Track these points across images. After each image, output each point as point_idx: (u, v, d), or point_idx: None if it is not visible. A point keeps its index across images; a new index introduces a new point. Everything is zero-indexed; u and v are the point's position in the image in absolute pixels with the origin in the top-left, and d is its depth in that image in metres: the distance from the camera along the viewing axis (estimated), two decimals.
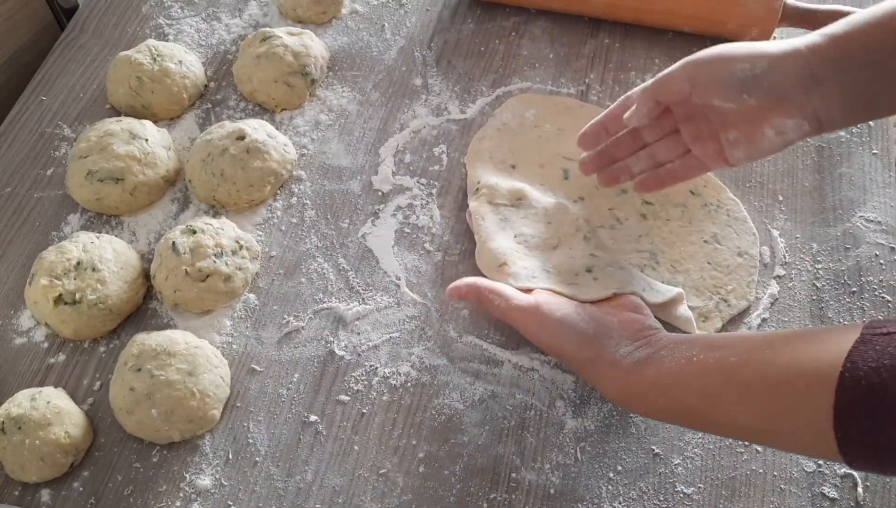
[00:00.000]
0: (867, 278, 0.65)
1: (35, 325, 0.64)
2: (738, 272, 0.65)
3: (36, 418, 0.56)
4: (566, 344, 0.54)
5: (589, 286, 0.59)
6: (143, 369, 0.57)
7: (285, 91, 0.74)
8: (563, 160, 0.71)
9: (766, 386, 0.45)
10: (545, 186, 0.69)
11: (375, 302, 0.65)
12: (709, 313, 0.63)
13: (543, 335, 0.55)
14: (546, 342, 0.56)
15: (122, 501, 0.56)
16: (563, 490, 0.56)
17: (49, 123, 0.75)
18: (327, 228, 0.69)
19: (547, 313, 0.55)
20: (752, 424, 0.46)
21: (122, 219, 0.69)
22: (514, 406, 0.60)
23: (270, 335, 0.63)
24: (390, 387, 0.61)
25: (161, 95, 0.73)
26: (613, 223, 0.67)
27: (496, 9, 0.82)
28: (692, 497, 0.56)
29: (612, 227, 0.67)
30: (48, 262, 0.62)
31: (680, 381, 0.49)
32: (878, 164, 0.72)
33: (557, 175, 0.70)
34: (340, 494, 0.57)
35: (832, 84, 0.52)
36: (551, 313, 0.55)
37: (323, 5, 0.81)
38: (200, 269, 0.62)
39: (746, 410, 0.46)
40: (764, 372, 0.45)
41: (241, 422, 0.59)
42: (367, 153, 0.73)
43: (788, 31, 0.80)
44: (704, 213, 0.68)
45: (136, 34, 0.81)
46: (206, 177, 0.68)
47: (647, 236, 0.66)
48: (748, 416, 0.46)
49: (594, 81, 0.77)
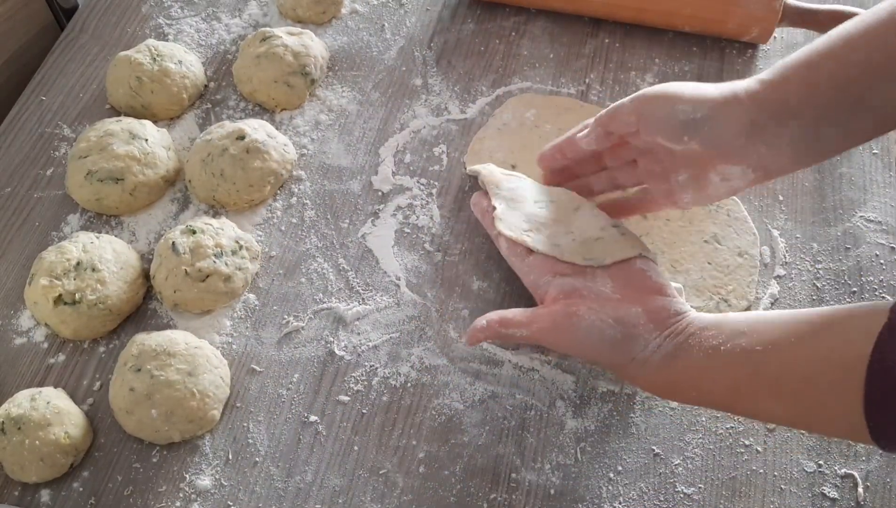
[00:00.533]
0: (867, 278, 0.65)
1: (35, 325, 0.64)
2: (739, 272, 0.65)
3: (36, 418, 0.56)
4: (598, 355, 0.53)
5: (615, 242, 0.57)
6: (142, 369, 0.57)
7: (285, 91, 0.74)
8: None
9: (795, 380, 0.45)
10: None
11: (375, 302, 0.65)
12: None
13: (573, 350, 0.54)
14: (579, 355, 0.56)
15: (122, 501, 0.56)
16: (564, 490, 0.56)
17: (49, 123, 0.75)
18: (327, 228, 0.69)
19: (571, 326, 0.53)
20: (784, 416, 0.47)
21: (121, 219, 0.69)
22: (514, 406, 0.60)
23: (270, 336, 0.63)
24: (390, 387, 0.61)
25: (161, 95, 0.73)
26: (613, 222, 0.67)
27: (496, 9, 0.82)
28: (692, 497, 0.56)
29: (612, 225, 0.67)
30: (48, 262, 0.62)
31: (709, 374, 0.49)
32: (878, 164, 0.72)
33: None
34: (340, 494, 0.56)
35: (774, 132, 0.51)
36: (576, 326, 0.52)
37: (323, 5, 0.81)
38: (200, 269, 0.62)
39: (777, 404, 0.46)
40: (791, 365, 0.45)
41: (241, 422, 0.59)
42: (367, 153, 0.73)
43: (788, 31, 0.80)
44: (704, 213, 0.68)
45: (136, 34, 0.81)
46: (206, 177, 0.68)
47: (647, 236, 0.66)
48: (780, 409, 0.46)
49: (594, 80, 0.77)
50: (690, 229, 0.67)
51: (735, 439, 0.58)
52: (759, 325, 0.48)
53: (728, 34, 0.77)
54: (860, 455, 0.58)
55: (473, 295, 0.65)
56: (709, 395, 0.50)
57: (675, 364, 0.50)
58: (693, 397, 0.52)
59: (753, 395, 0.47)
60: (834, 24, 0.74)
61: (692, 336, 0.50)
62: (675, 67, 0.78)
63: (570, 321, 0.53)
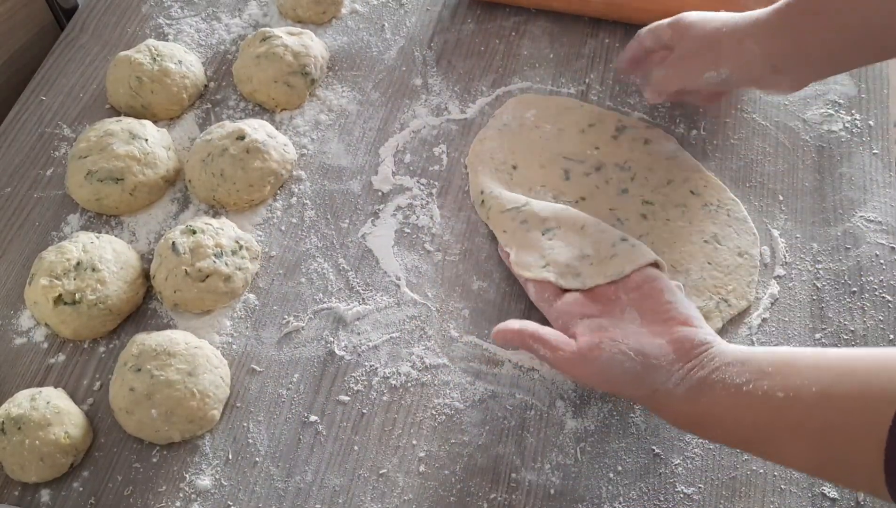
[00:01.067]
0: (867, 278, 0.65)
1: (35, 325, 0.64)
2: (739, 272, 0.65)
3: (36, 418, 0.56)
4: (619, 387, 0.52)
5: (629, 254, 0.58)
6: (143, 369, 0.57)
7: (285, 91, 0.74)
8: (564, 161, 0.71)
9: (815, 431, 0.44)
10: (546, 187, 0.69)
11: (375, 302, 0.65)
12: (709, 313, 0.63)
13: (593, 381, 0.54)
14: (599, 387, 0.56)
15: (122, 501, 0.56)
16: (564, 490, 0.56)
17: (49, 123, 0.75)
18: (327, 228, 0.69)
19: (591, 359, 0.52)
20: (806, 465, 0.46)
21: (121, 219, 0.69)
22: (514, 406, 0.60)
23: (270, 335, 0.63)
24: (390, 387, 0.61)
25: (161, 95, 0.73)
26: (615, 223, 0.67)
27: (496, 9, 0.82)
28: (692, 497, 0.56)
29: (613, 227, 0.67)
30: (48, 262, 0.62)
31: (732, 414, 0.48)
32: (878, 164, 0.72)
33: (558, 175, 0.70)
34: (340, 494, 0.56)
35: (792, 71, 0.61)
36: (596, 359, 0.52)
37: (323, 5, 0.81)
38: (200, 269, 0.62)
39: (798, 452, 0.45)
40: (811, 415, 0.44)
41: (241, 422, 0.59)
42: (367, 153, 0.73)
43: None
44: (705, 213, 0.68)
45: (136, 34, 0.81)
46: (206, 177, 0.68)
47: (647, 235, 0.66)
48: (801, 458, 0.46)
49: (594, 81, 0.77)
50: (690, 230, 0.67)
51: None
52: (784, 368, 0.47)
53: None
54: None
55: (473, 295, 0.65)
56: (732, 435, 0.49)
57: (700, 398, 0.49)
58: (718, 434, 0.50)
59: (775, 440, 0.46)
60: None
61: (716, 371, 0.49)
62: None
63: (592, 354, 0.52)
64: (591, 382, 0.54)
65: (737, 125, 0.74)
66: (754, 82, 0.64)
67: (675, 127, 0.74)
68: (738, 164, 0.72)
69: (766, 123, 0.74)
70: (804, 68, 0.61)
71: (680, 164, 0.70)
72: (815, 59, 0.60)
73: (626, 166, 0.70)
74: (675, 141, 0.72)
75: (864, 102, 0.75)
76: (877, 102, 0.75)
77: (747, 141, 0.73)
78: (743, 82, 0.65)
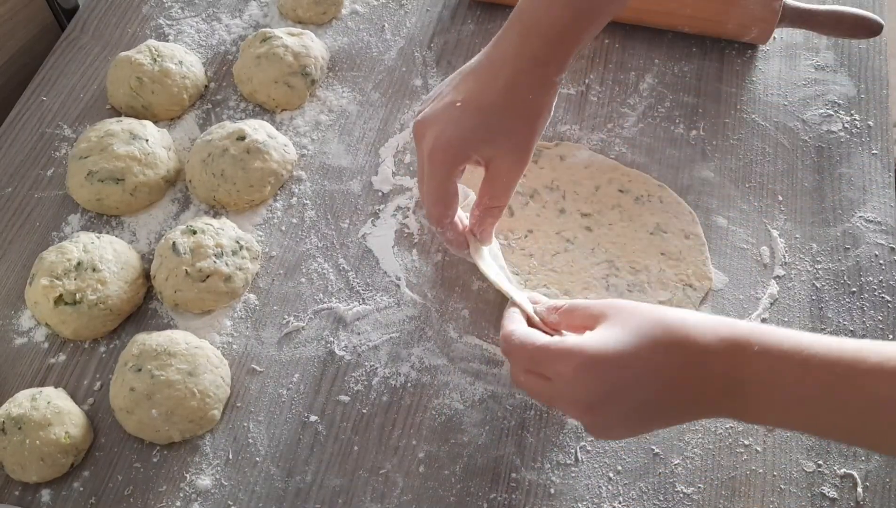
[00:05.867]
0: (867, 279, 0.65)
1: (35, 325, 0.64)
2: (691, 254, 0.66)
3: (36, 418, 0.56)
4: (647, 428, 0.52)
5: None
6: (143, 369, 0.57)
7: (285, 91, 0.74)
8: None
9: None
10: (496, 230, 0.65)
11: (375, 302, 0.65)
12: (680, 303, 0.63)
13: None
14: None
15: (122, 501, 0.56)
16: (563, 489, 0.57)
17: (49, 123, 0.75)
18: (327, 228, 0.69)
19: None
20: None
21: (122, 219, 0.69)
22: (514, 406, 0.60)
23: (270, 336, 0.63)
24: (390, 387, 0.61)
25: (161, 96, 0.73)
26: (566, 246, 0.67)
27: (496, 9, 0.82)
28: (692, 497, 0.56)
29: (566, 250, 0.67)
30: (48, 262, 0.62)
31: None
32: (877, 164, 0.72)
33: (504, 215, 0.66)
34: (340, 494, 0.57)
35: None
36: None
37: (323, 6, 0.81)
38: (201, 269, 0.62)
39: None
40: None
41: (241, 422, 0.59)
42: (367, 153, 0.73)
43: (788, 32, 0.80)
44: (639, 206, 0.69)
45: (137, 34, 0.81)
46: (207, 177, 0.68)
47: (598, 246, 0.67)
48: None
49: (594, 81, 0.77)
50: (634, 226, 0.68)
51: (735, 439, 0.58)
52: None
53: (728, 35, 0.77)
54: (859, 455, 0.58)
55: (473, 295, 0.65)
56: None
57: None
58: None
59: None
60: (833, 24, 0.74)
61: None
62: (675, 68, 0.78)
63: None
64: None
65: (736, 125, 0.74)
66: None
67: (674, 127, 0.74)
68: (737, 164, 0.72)
69: (765, 123, 0.74)
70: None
71: (599, 168, 0.71)
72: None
73: (555, 186, 0.70)
74: (585, 147, 0.72)
75: (864, 102, 0.75)
76: (876, 103, 0.75)
77: (747, 141, 0.73)
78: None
